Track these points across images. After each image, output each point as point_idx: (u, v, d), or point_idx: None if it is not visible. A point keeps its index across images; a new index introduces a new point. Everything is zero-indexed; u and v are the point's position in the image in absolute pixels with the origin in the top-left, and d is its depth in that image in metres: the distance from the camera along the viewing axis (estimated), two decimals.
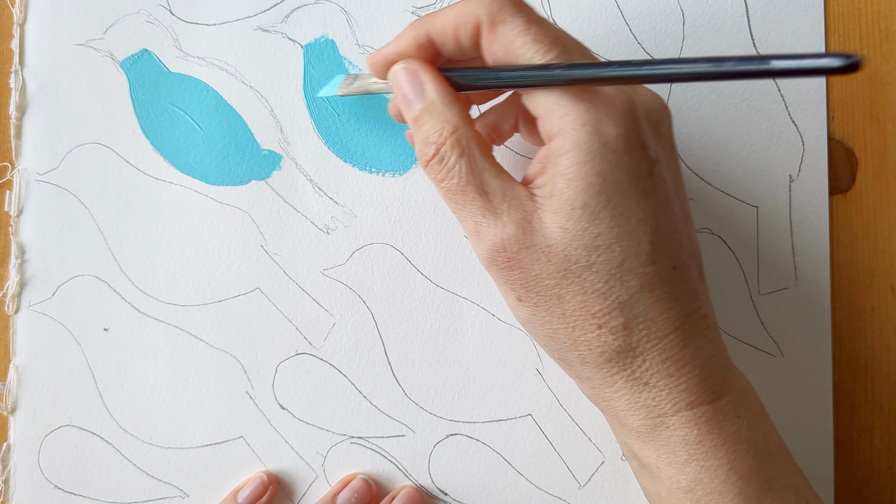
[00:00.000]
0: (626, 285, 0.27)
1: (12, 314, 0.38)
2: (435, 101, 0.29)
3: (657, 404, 0.28)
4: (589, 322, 0.28)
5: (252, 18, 0.38)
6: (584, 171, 0.27)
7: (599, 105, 0.27)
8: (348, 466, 0.38)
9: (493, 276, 0.29)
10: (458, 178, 0.28)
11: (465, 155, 0.28)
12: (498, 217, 0.28)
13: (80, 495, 0.37)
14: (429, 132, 0.29)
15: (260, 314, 0.38)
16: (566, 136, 0.27)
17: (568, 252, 0.27)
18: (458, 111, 0.29)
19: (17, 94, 0.38)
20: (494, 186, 0.28)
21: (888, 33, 0.38)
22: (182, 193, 0.38)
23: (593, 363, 0.28)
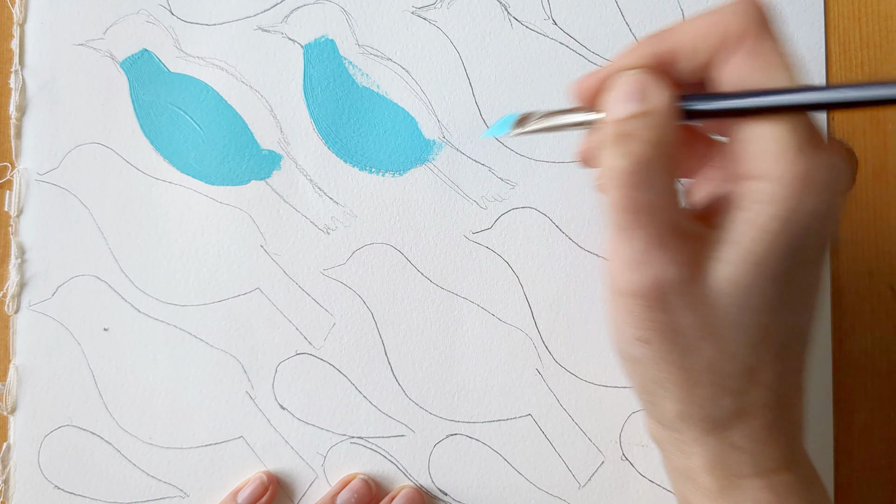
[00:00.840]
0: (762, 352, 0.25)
1: (12, 314, 0.38)
2: (662, 110, 0.25)
3: (738, 466, 0.26)
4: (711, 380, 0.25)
5: (252, 18, 0.38)
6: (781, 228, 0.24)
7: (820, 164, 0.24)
8: (348, 466, 0.38)
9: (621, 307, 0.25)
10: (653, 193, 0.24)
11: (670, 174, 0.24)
12: (672, 253, 0.24)
13: (80, 495, 0.37)
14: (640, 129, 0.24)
15: (260, 314, 0.38)
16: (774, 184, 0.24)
17: (728, 309, 0.24)
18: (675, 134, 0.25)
19: (17, 94, 0.38)
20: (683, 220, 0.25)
21: (888, 33, 0.38)
22: (182, 193, 0.38)
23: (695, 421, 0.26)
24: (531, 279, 0.38)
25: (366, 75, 0.38)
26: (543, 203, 0.38)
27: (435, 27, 0.38)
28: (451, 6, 0.38)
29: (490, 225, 0.38)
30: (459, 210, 0.38)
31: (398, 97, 0.38)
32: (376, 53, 0.38)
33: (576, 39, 0.38)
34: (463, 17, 0.38)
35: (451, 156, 0.38)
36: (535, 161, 0.38)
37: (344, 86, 0.38)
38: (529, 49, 0.38)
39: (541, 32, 0.38)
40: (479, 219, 0.38)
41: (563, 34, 0.38)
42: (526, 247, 0.38)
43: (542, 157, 0.38)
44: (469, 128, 0.38)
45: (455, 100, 0.38)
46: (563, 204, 0.38)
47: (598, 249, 0.38)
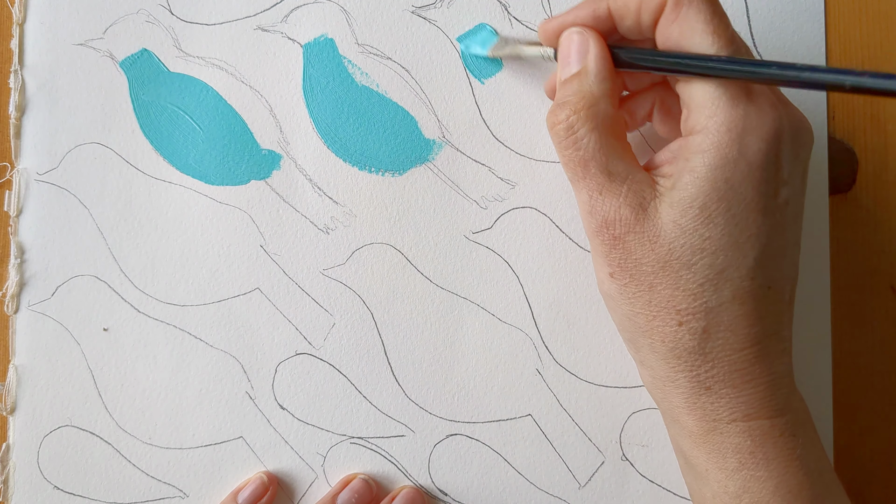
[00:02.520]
0: (718, 293, 0.28)
1: (12, 314, 0.38)
2: (590, 70, 0.30)
3: (714, 410, 0.29)
4: (671, 316, 0.28)
5: (251, 18, 0.38)
6: (714, 175, 0.27)
7: (751, 115, 0.27)
8: (348, 466, 0.38)
9: (593, 248, 0.30)
10: (584, 150, 0.29)
11: (596, 130, 0.29)
12: (614, 197, 0.28)
13: (79, 496, 0.37)
14: (568, 95, 0.29)
15: (260, 314, 0.38)
16: (708, 135, 0.27)
17: (673, 247, 0.28)
18: (606, 87, 0.29)
19: (16, 94, 0.38)
20: (619, 168, 0.29)
21: (888, 33, 0.38)
22: (182, 193, 0.38)
23: (661, 355, 0.29)
24: (531, 279, 0.38)
25: (365, 74, 0.38)
26: (543, 203, 0.38)
27: (435, 27, 0.38)
28: (451, 5, 0.38)
29: (490, 225, 0.38)
30: (459, 210, 0.38)
31: (398, 96, 0.38)
32: (376, 53, 0.38)
33: None
34: (463, 17, 0.38)
35: (451, 155, 0.38)
36: (535, 161, 0.38)
37: (343, 85, 0.38)
38: None
39: None
40: (479, 219, 0.38)
41: None
42: (526, 247, 0.38)
43: (542, 156, 0.38)
44: (469, 128, 0.38)
45: (455, 99, 0.38)
46: (563, 204, 0.38)
47: None
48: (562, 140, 0.29)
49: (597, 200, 0.29)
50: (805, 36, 0.38)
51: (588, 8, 0.31)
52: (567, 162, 0.29)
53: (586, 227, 0.30)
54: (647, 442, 0.37)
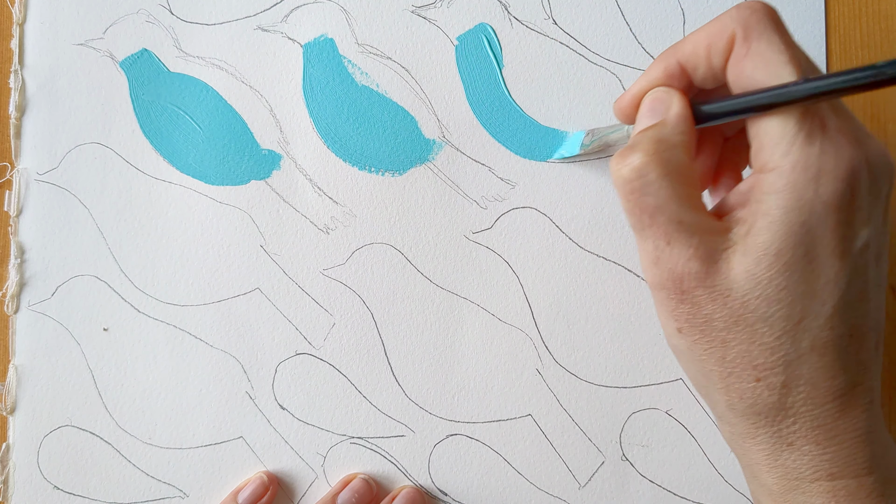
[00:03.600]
0: (796, 345, 0.26)
1: (12, 314, 0.38)
2: (669, 120, 0.28)
3: (797, 468, 0.27)
4: (748, 372, 0.27)
5: (252, 18, 0.38)
6: (790, 218, 0.25)
7: (827, 152, 0.25)
8: (348, 466, 0.38)
9: (658, 301, 0.28)
10: (654, 197, 0.26)
11: (668, 177, 0.26)
12: (684, 249, 0.26)
13: (79, 495, 0.37)
14: (640, 141, 0.27)
15: (260, 314, 0.38)
16: (782, 175, 0.25)
17: (748, 299, 0.26)
18: (683, 139, 0.28)
19: (16, 94, 0.38)
20: (690, 218, 0.26)
21: (888, 33, 0.38)
22: (182, 193, 0.38)
23: (740, 412, 0.27)
24: (531, 279, 0.38)
25: (365, 74, 0.38)
26: (543, 203, 0.38)
27: (435, 26, 0.38)
28: (451, 5, 0.38)
29: (490, 225, 0.38)
30: (459, 210, 0.38)
31: (398, 96, 0.38)
32: (376, 52, 0.38)
33: (576, 39, 0.38)
34: (463, 17, 0.38)
35: (450, 155, 0.38)
36: (535, 161, 0.38)
37: (343, 85, 0.38)
38: (529, 49, 0.38)
39: (541, 32, 0.38)
40: (479, 219, 0.38)
41: (564, 34, 0.38)
42: (526, 247, 0.38)
43: (542, 157, 0.38)
44: (469, 127, 0.38)
45: (455, 99, 0.38)
46: (563, 204, 0.38)
47: (599, 249, 0.38)
48: (627, 184, 0.27)
49: (664, 252, 0.27)
50: (805, 36, 0.38)
51: (658, 68, 0.29)
52: (632, 209, 0.27)
53: (649, 279, 0.28)
54: (647, 442, 0.37)
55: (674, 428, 0.37)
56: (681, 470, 0.37)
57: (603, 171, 0.38)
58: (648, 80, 0.29)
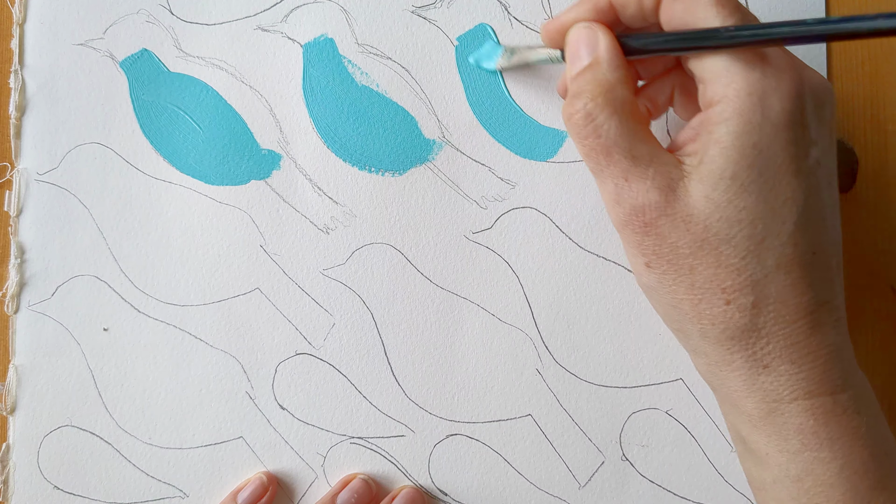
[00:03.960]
0: (762, 263, 0.27)
1: (12, 314, 0.38)
2: (602, 59, 0.29)
3: (774, 389, 0.27)
4: (717, 296, 0.27)
5: (252, 18, 0.38)
6: (741, 142, 0.26)
7: (769, 77, 0.26)
8: (348, 466, 0.38)
9: (624, 239, 0.29)
10: (606, 137, 0.27)
11: (616, 115, 0.28)
12: (641, 181, 0.27)
13: (79, 496, 0.37)
14: (583, 86, 0.28)
15: (259, 314, 0.38)
16: (728, 104, 0.26)
17: (709, 223, 0.27)
18: (620, 75, 0.29)
19: (16, 94, 0.38)
20: (642, 151, 0.27)
21: None
22: (182, 193, 0.38)
23: (714, 338, 0.28)
24: (531, 279, 0.38)
25: (365, 74, 0.38)
26: (543, 203, 0.38)
27: (435, 26, 0.38)
28: (451, 5, 0.38)
29: (490, 225, 0.38)
30: (459, 210, 0.38)
31: (398, 96, 0.38)
32: (376, 52, 0.38)
33: None
34: (463, 17, 0.38)
35: (451, 155, 0.38)
36: (535, 161, 0.38)
37: (343, 85, 0.38)
38: None
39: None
40: (479, 219, 0.38)
41: None
42: (526, 247, 0.38)
43: (542, 157, 0.38)
44: (469, 127, 0.38)
45: (455, 99, 0.38)
46: (563, 204, 0.38)
47: (599, 249, 0.38)
48: (580, 129, 0.28)
49: (623, 188, 0.27)
50: None
51: (588, 3, 0.30)
52: (588, 152, 0.28)
53: (614, 220, 0.28)
54: (647, 442, 0.37)
55: (674, 428, 0.37)
56: (681, 470, 0.37)
57: None
58: (577, 13, 0.30)
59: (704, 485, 0.37)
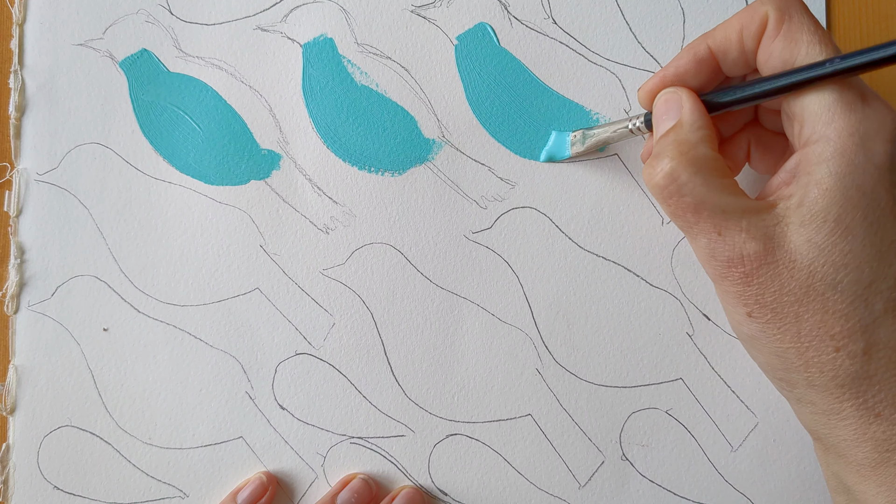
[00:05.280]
0: (870, 308, 0.26)
1: (12, 314, 0.38)
2: (685, 120, 0.29)
3: (887, 438, 0.27)
4: (826, 343, 0.26)
5: (251, 18, 0.38)
6: (844, 183, 0.25)
7: (870, 119, 0.26)
8: (348, 466, 0.38)
9: (722, 291, 0.28)
10: (691, 195, 0.27)
11: (699, 173, 0.27)
12: (736, 233, 0.27)
13: (79, 496, 0.37)
14: (664, 147, 0.28)
15: (259, 314, 0.38)
16: (829, 144, 0.26)
17: (813, 268, 0.26)
18: (703, 134, 0.28)
19: (16, 94, 0.38)
20: (731, 204, 0.27)
21: (889, 33, 0.38)
22: (181, 193, 0.38)
23: (822, 387, 0.27)
24: (531, 279, 0.38)
25: (365, 74, 0.38)
26: (543, 203, 0.38)
27: (434, 26, 0.38)
28: (451, 5, 0.38)
29: (490, 225, 0.38)
30: (459, 210, 0.38)
31: (397, 96, 0.38)
32: (375, 52, 0.38)
33: (575, 39, 0.38)
34: (463, 16, 0.38)
35: (450, 155, 0.38)
36: (535, 161, 0.38)
37: (343, 85, 0.38)
38: (529, 48, 0.38)
39: (540, 31, 0.38)
40: (479, 219, 0.38)
41: (563, 33, 0.38)
42: (526, 247, 0.38)
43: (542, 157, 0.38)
44: (468, 127, 0.38)
45: (454, 99, 0.38)
46: (563, 204, 0.38)
47: (599, 249, 0.38)
48: (663, 189, 0.28)
49: (717, 242, 0.27)
50: None
51: (688, 54, 0.30)
52: (675, 211, 0.28)
53: (710, 273, 0.28)
54: (647, 442, 0.37)
55: (674, 428, 0.37)
56: (681, 470, 0.37)
57: (602, 171, 0.38)
58: (676, 66, 0.30)
59: (704, 485, 0.37)
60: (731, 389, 0.37)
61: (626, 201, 0.38)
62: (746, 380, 0.37)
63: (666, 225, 0.38)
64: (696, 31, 0.38)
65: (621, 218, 0.37)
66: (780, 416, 0.37)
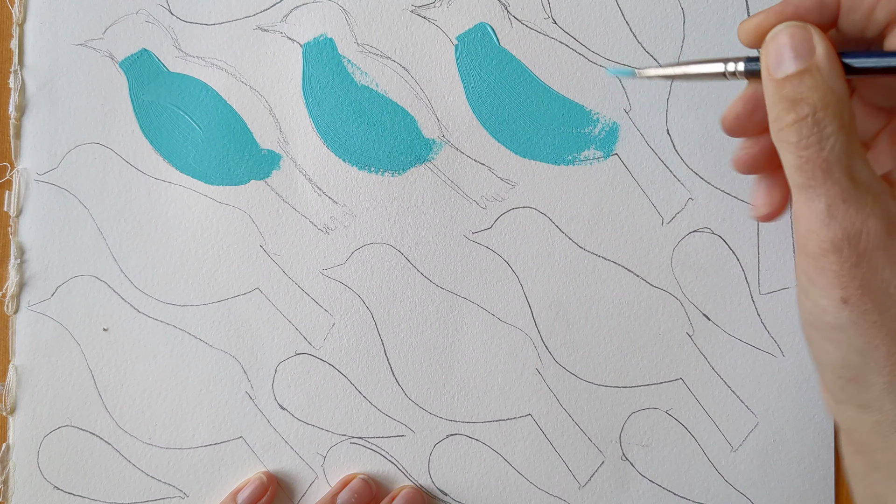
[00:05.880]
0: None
1: (12, 314, 0.38)
2: (823, 65, 0.25)
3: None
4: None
5: (251, 18, 0.38)
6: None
7: None
8: (348, 466, 0.38)
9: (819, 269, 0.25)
10: (831, 150, 0.24)
11: (843, 130, 0.24)
12: (861, 206, 0.24)
13: (79, 496, 0.37)
14: (804, 92, 0.25)
15: (259, 314, 0.38)
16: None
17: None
18: (845, 87, 0.25)
19: (16, 94, 0.38)
20: (864, 175, 0.25)
21: None
22: (181, 193, 0.38)
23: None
24: (531, 279, 0.38)
25: (365, 74, 0.38)
26: (543, 203, 0.38)
27: (434, 26, 0.38)
28: (451, 5, 0.38)
29: (490, 225, 0.38)
30: (459, 210, 0.38)
31: (397, 96, 0.38)
32: (375, 52, 0.38)
33: (576, 38, 0.38)
34: (463, 16, 0.38)
35: (450, 155, 0.38)
36: (535, 161, 0.38)
37: (343, 85, 0.38)
38: (529, 48, 0.38)
39: (540, 31, 0.38)
40: (479, 219, 0.38)
41: (563, 33, 0.38)
42: (526, 247, 0.38)
43: (543, 157, 0.38)
44: (468, 127, 0.38)
45: (454, 99, 0.38)
46: (563, 204, 0.38)
47: (599, 249, 0.38)
48: (804, 138, 0.25)
49: (839, 209, 0.24)
50: None
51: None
52: (804, 164, 0.25)
53: (814, 244, 0.25)
54: (647, 442, 0.37)
55: (674, 428, 0.37)
56: (681, 470, 0.37)
57: (602, 172, 0.38)
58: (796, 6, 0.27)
59: (704, 485, 0.37)
60: (731, 389, 0.37)
61: (626, 201, 0.38)
62: (746, 380, 0.37)
63: (666, 225, 0.38)
64: (697, 30, 0.38)
65: (621, 218, 0.37)
66: (780, 416, 0.37)
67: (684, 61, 0.30)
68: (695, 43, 0.38)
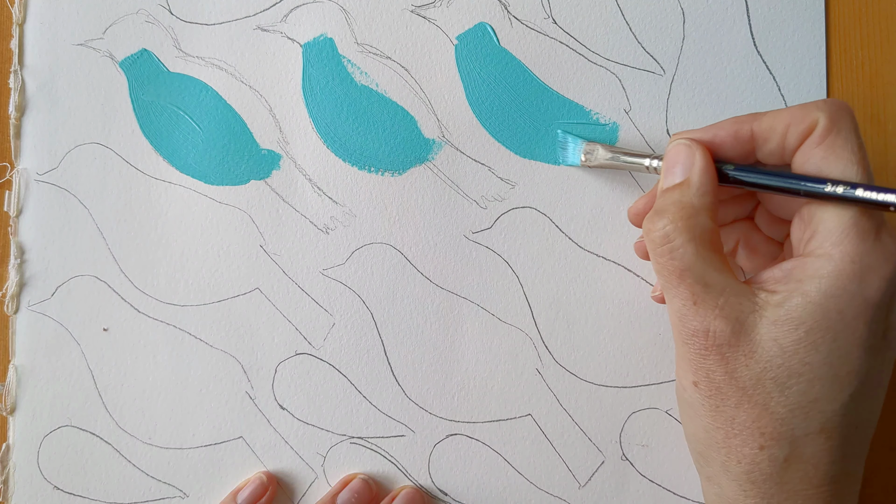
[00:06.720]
0: (807, 422, 0.27)
1: (12, 314, 0.38)
2: (693, 181, 0.29)
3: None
4: (754, 438, 0.27)
5: (251, 18, 0.38)
6: (828, 304, 0.26)
7: (877, 253, 0.26)
8: (348, 466, 0.38)
9: (680, 353, 0.29)
10: (680, 260, 0.28)
11: (693, 242, 0.28)
12: (710, 309, 0.27)
13: (79, 496, 0.37)
14: (667, 205, 0.29)
15: (259, 314, 0.38)
16: (829, 262, 0.26)
17: (770, 365, 0.27)
18: (707, 202, 0.29)
19: (16, 94, 0.38)
20: (715, 280, 0.28)
21: (889, 34, 0.38)
22: (181, 193, 0.38)
23: (734, 476, 0.28)
24: (531, 279, 0.38)
25: (365, 74, 0.38)
26: (543, 203, 0.38)
27: (434, 26, 0.38)
28: (451, 4, 0.38)
29: (490, 225, 0.38)
30: (459, 210, 0.38)
31: (397, 96, 0.38)
32: (375, 52, 0.38)
33: (575, 38, 0.38)
34: (463, 16, 0.38)
35: (450, 155, 0.38)
36: (535, 161, 0.38)
37: (343, 85, 0.38)
38: (529, 48, 0.38)
39: (540, 31, 0.38)
40: (479, 218, 0.38)
41: (563, 33, 0.38)
42: (526, 247, 0.38)
43: (541, 158, 0.38)
44: (468, 127, 0.38)
45: (454, 99, 0.38)
46: (563, 204, 0.38)
47: (599, 249, 0.38)
48: (657, 248, 0.29)
49: (689, 310, 0.28)
50: (805, 36, 0.38)
51: (729, 129, 0.30)
52: (661, 270, 0.29)
53: (675, 333, 0.29)
54: (647, 442, 0.37)
55: (674, 428, 0.37)
56: (681, 470, 0.37)
57: (602, 172, 0.38)
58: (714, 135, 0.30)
59: None
60: None
61: (626, 201, 0.38)
62: None
63: None
64: (697, 30, 0.38)
65: (621, 218, 0.37)
66: None
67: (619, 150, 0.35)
68: (694, 43, 0.38)
